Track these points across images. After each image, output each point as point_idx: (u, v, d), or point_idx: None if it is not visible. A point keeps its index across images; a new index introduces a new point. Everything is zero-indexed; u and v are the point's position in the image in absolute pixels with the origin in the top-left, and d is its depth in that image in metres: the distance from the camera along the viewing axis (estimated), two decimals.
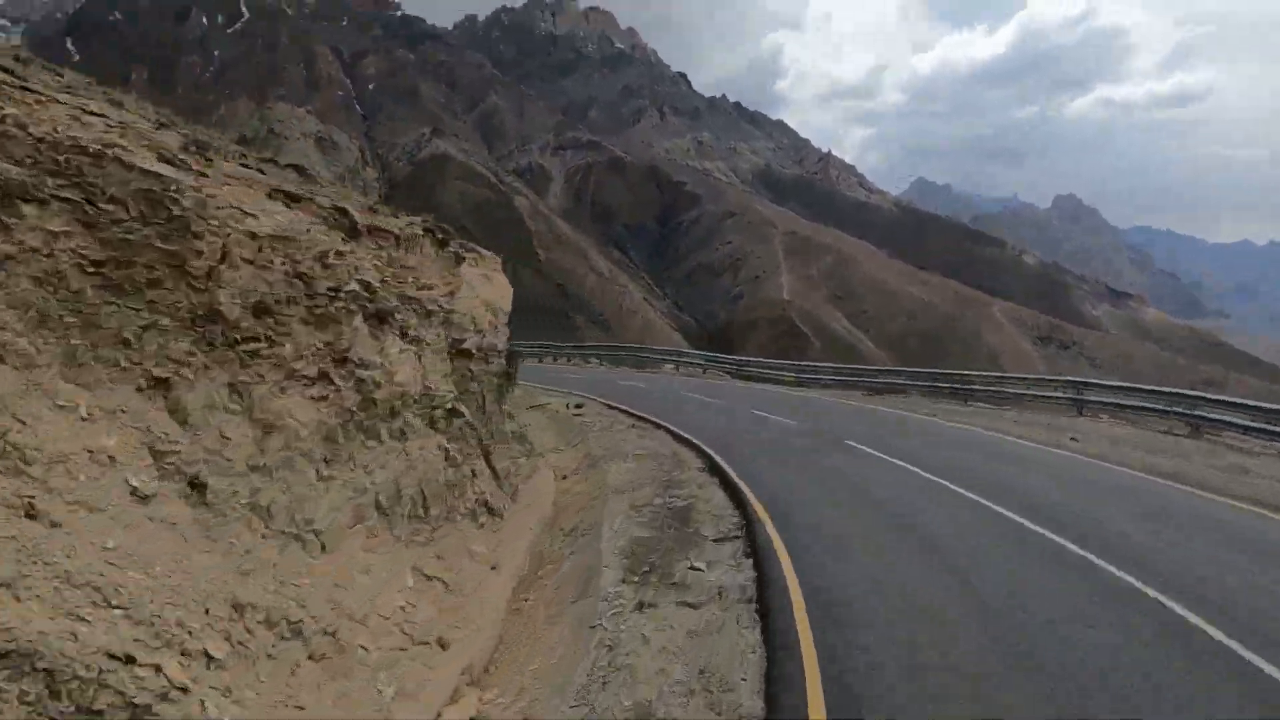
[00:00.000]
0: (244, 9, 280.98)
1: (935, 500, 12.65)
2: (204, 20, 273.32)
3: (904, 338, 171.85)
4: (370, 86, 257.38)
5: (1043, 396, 25.60)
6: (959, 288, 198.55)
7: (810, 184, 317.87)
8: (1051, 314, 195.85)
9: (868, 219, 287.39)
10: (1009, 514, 11.57)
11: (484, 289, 14.91)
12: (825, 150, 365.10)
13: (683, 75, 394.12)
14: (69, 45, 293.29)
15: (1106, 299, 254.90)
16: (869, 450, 17.07)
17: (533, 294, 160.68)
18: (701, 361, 41.57)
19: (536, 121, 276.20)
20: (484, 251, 18.11)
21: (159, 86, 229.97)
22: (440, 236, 13.93)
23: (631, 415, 22.78)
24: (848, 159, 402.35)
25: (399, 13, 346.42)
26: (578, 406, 24.44)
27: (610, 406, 25.03)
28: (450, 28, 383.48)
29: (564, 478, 16.54)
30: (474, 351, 13.00)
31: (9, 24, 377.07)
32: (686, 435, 19.16)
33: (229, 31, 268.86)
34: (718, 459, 16.39)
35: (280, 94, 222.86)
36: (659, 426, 20.84)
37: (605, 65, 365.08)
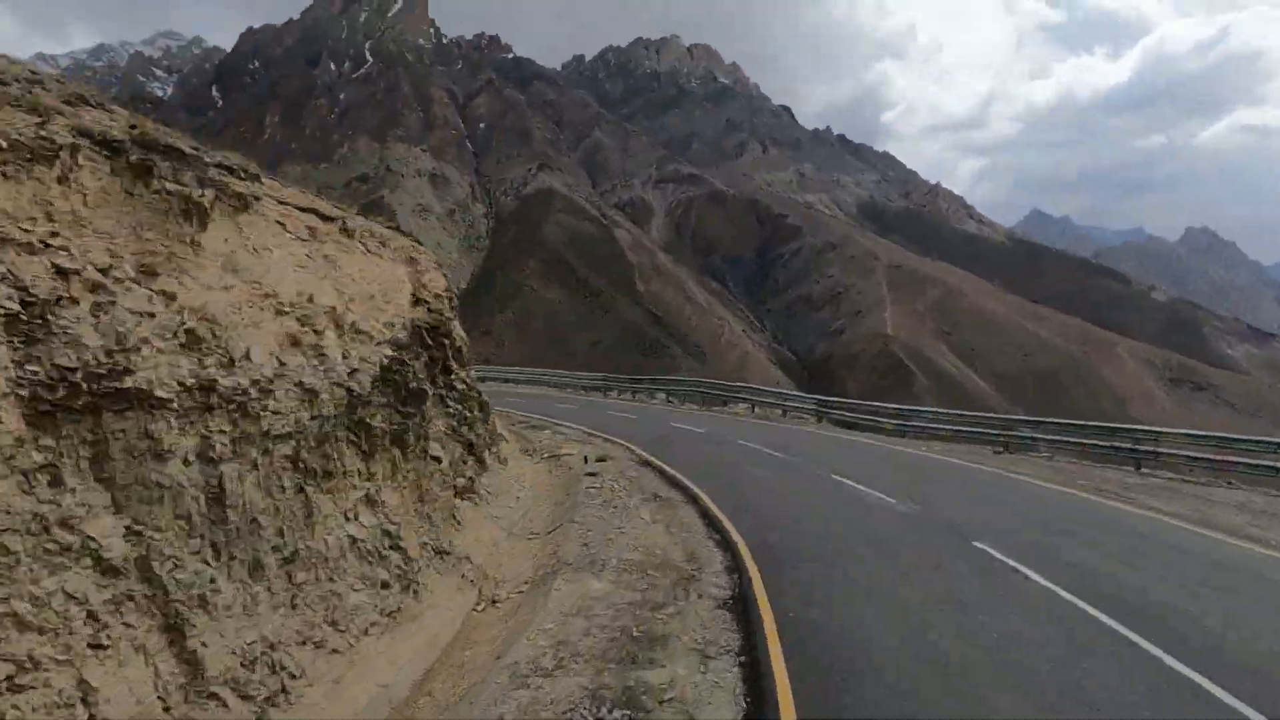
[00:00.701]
0: (368, 55, 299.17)
1: None
2: (332, 66, 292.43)
3: (1017, 376, 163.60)
4: (481, 125, 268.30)
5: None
6: (1078, 324, 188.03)
7: (917, 216, 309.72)
8: (1183, 354, 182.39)
9: (978, 252, 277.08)
10: None
11: (312, 278, 9.22)
12: (934, 182, 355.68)
13: (785, 108, 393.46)
14: (214, 92, 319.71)
15: (1247, 338, 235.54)
16: (1053, 586, 9.22)
17: (631, 325, 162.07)
18: (777, 401, 33.75)
19: (639, 156, 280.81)
20: (384, 229, 14.60)
21: (290, 127, 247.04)
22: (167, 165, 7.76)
23: (664, 476, 17.20)
24: (957, 191, 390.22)
25: (511, 55, 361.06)
26: (599, 460, 18.73)
27: (645, 462, 18.92)
28: (559, 68, 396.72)
29: (485, 607, 10.37)
30: (222, 400, 7.14)
31: (165, 74, 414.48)
32: (723, 518, 13.20)
33: (354, 77, 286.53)
34: (754, 574, 9.98)
35: (398, 134, 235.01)
36: (691, 499, 14.85)
37: (708, 100, 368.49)
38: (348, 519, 8.78)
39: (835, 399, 32.05)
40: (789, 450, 21.11)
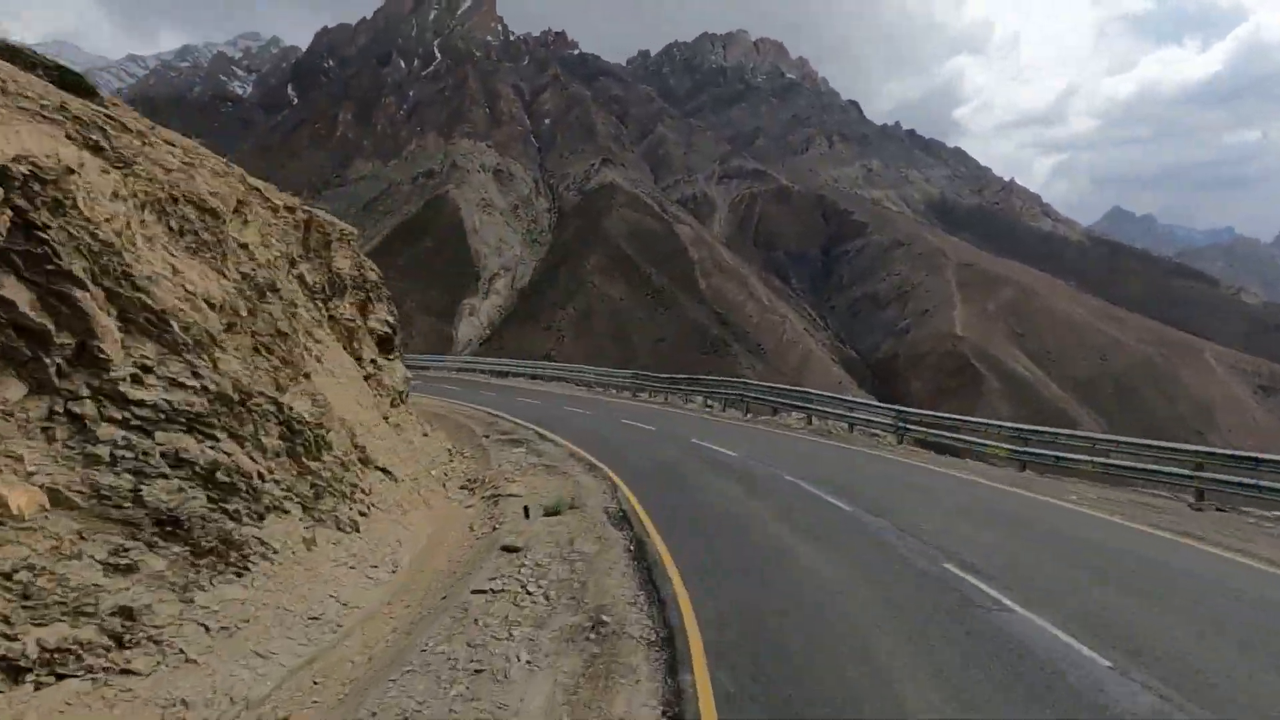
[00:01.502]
0: (437, 53, 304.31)
1: None
2: (402, 64, 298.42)
3: (1094, 380, 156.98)
4: (546, 121, 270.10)
5: None
6: (1159, 327, 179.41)
7: (989, 213, 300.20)
8: (1276, 361, 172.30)
9: (1054, 251, 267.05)
10: None
11: None
12: (1008, 179, 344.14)
13: (854, 103, 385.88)
14: (290, 91, 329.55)
15: None
16: None
17: (693, 322, 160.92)
18: (844, 414, 25.11)
19: (703, 152, 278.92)
20: None
21: (361, 124, 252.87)
22: None
23: (639, 557, 9.80)
24: (1033, 188, 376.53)
25: (576, 51, 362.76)
26: (551, 513, 11.83)
27: (622, 518, 11.70)
28: (624, 63, 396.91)
29: None
30: None
31: (245, 74, 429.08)
32: None
33: (423, 74, 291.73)
34: None
35: (465, 130, 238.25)
36: (667, 643, 7.24)
37: (774, 95, 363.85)
38: None
39: (921, 412, 22.79)
40: (859, 498, 12.95)
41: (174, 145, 10.61)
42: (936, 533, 10.73)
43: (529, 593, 8.52)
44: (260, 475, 8.26)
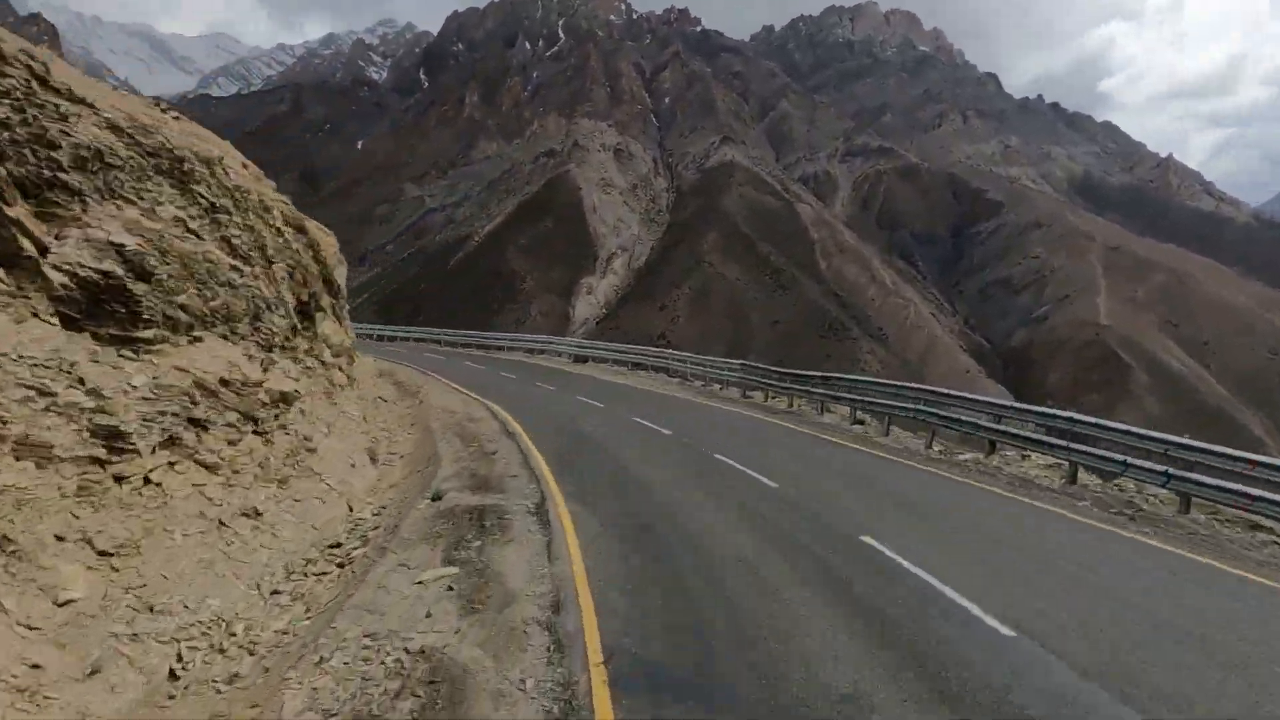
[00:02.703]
0: (561, 33, 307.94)
1: None
2: (527, 46, 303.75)
3: (1259, 375, 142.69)
4: (666, 99, 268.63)
5: None
6: None
7: (1140, 192, 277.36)
8: None
9: (1216, 233, 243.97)
10: None
11: None
12: (1165, 155, 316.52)
13: (991, 76, 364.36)
14: (421, 75, 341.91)
15: None
16: None
17: (812, 304, 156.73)
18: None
19: (826, 128, 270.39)
20: None
21: (487, 105, 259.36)
22: None
23: None
24: (1192, 165, 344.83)
25: (699, 28, 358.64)
26: None
27: None
28: (747, 39, 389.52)
29: None
30: None
31: (381, 59, 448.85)
32: None
33: (547, 55, 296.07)
34: None
35: (586, 109, 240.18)
36: None
37: (904, 69, 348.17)
38: None
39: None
40: None
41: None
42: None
43: None
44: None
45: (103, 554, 7.43)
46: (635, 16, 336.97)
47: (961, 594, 7.49)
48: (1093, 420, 14.30)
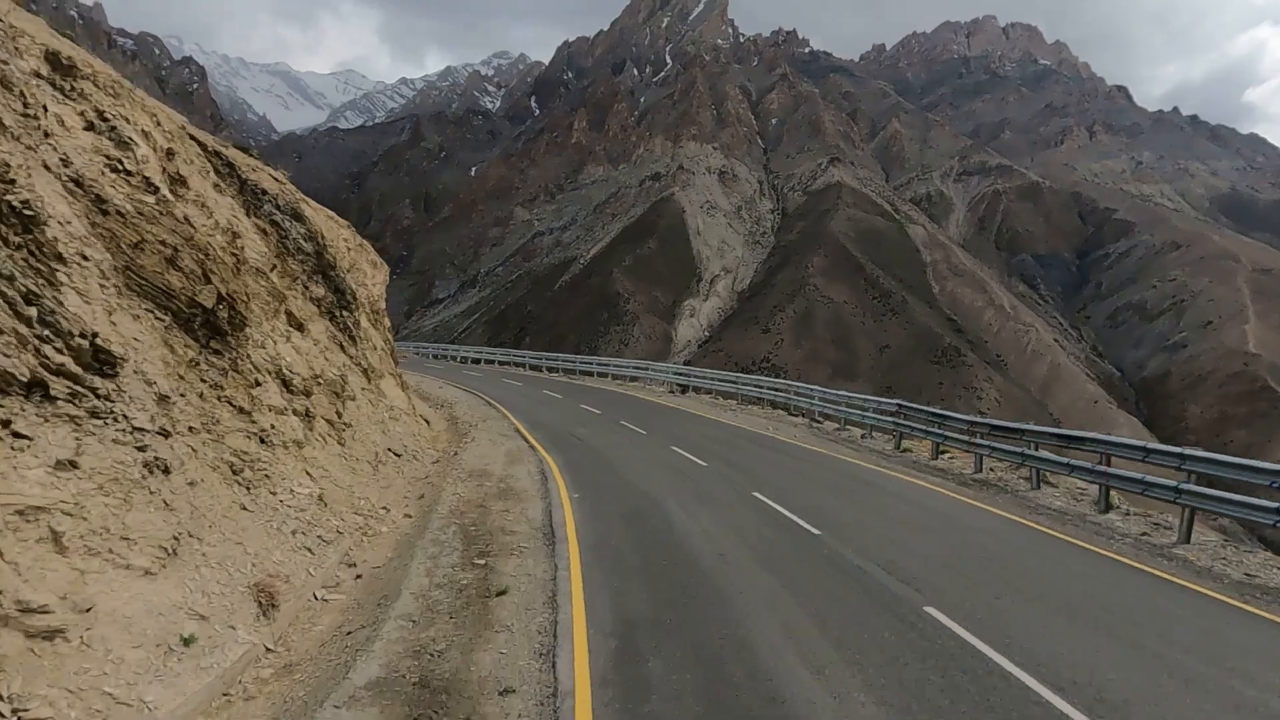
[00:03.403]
0: (668, 59, 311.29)
1: None
2: (635, 72, 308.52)
3: None
4: (773, 121, 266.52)
5: None
6: None
7: None
8: None
9: None
10: None
11: None
12: None
13: (1121, 89, 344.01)
14: (532, 102, 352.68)
15: None
16: None
17: (923, 329, 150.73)
18: None
19: (940, 147, 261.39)
20: None
21: (594, 131, 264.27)
22: None
23: None
24: None
25: (807, 49, 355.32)
26: None
27: None
28: (856, 59, 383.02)
29: None
30: None
31: (495, 89, 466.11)
32: None
33: (654, 80, 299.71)
34: None
35: (691, 133, 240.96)
36: None
37: (1024, 84, 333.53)
38: None
39: None
40: None
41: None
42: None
43: None
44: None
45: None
46: (742, 40, 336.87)
47: None
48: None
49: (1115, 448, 12.59)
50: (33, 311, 6.19)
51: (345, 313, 16.24)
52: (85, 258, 7.28)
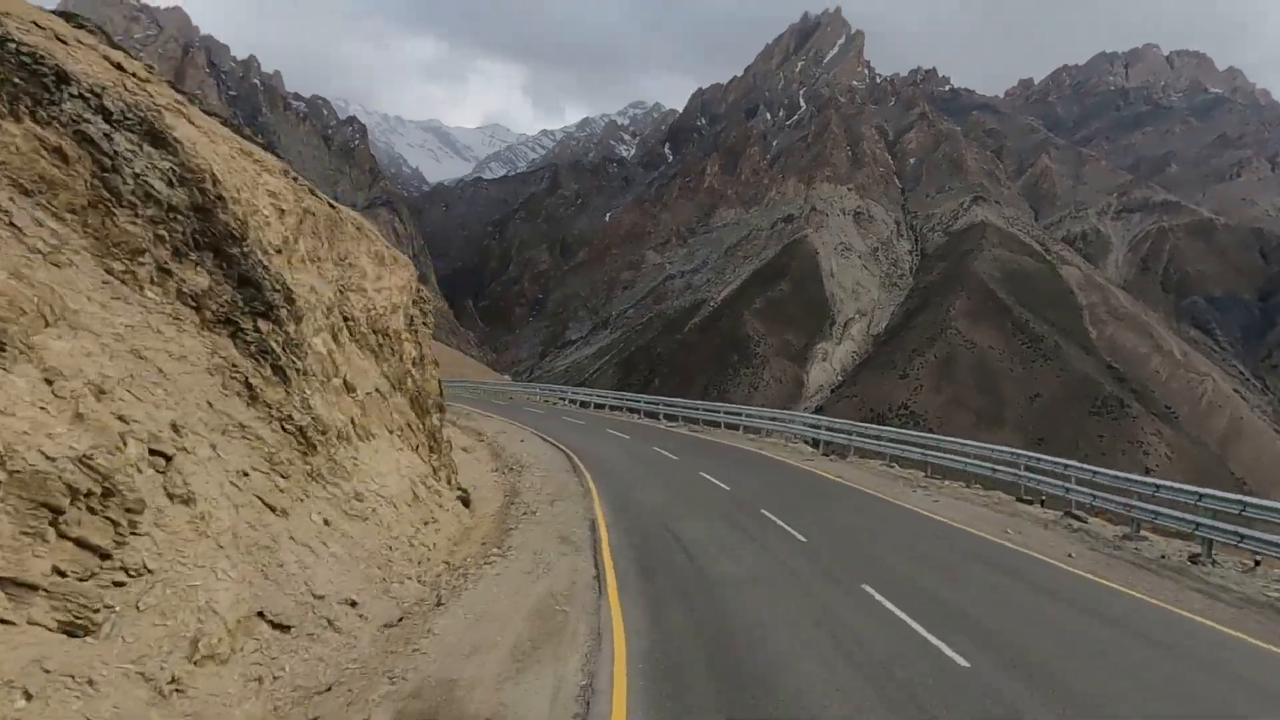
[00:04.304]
0: (801, 101, 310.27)
1: None
2: (768, 116, 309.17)
3: None
4: (911, 161, 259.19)
5: None
6: None
7: None
8: None
9: None
10: None
11: None
12: None
13: None
14: (666, 149, 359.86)
15: None
16: None
17: (1079, 376, 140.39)
18: None
19: (1095, 183, 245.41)
20: None
21: (726, 175, 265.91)
22: None
23: None
24: None
25: (948, 87, 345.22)
26: None
27: None
28: (1001, 95, 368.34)
29: None
30: None
31: (630, 138, 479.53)
32: None
33: (787, 124, 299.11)
34: None
35: (825, 174, 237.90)
36: None
37: (1191, 114, 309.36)
38: None
39: None
40: None
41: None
42: None
43: None
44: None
45: None
46: (879, 80, 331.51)
47: None
48: None
49: None
50: None
51: (265, 324, 9.84)
52: None
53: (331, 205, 13.97)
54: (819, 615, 9.06)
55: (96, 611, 5.88)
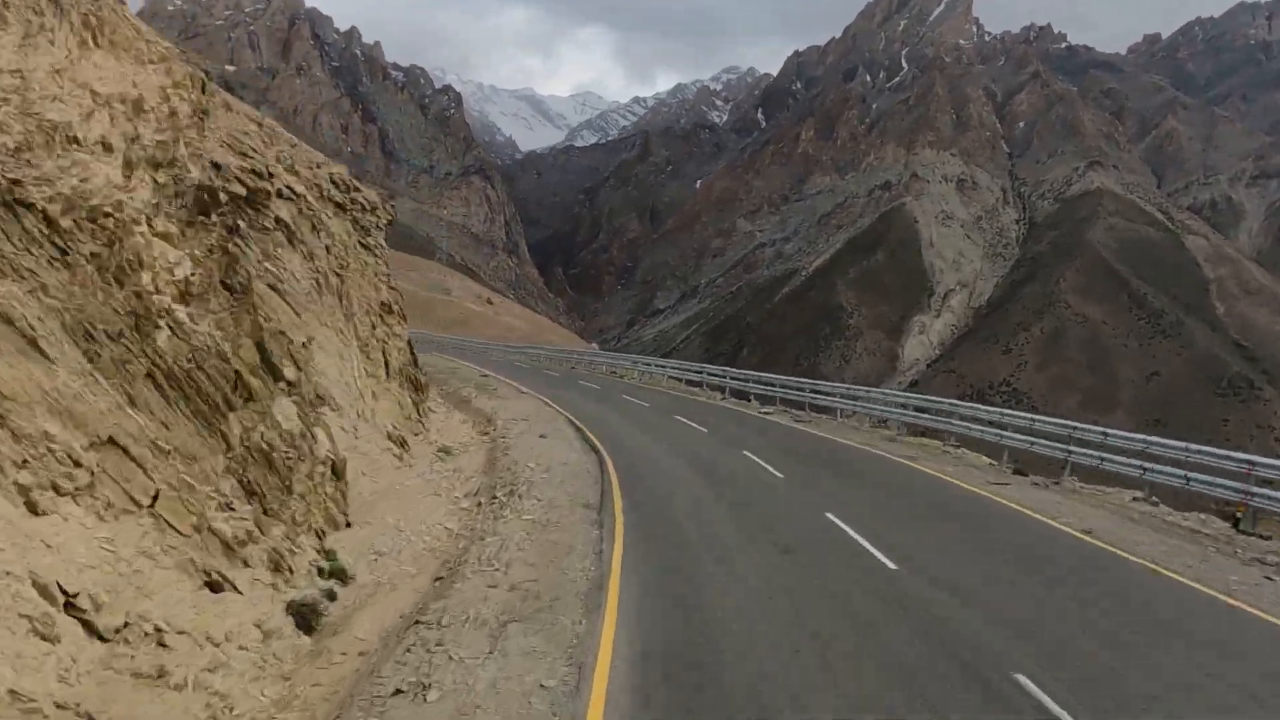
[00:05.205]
0: (903, 63, 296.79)
1: None
2: (867, 78, 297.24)
3: None
4: (1020, 124, 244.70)
5: None
6: None
7: None
8: None
9: None
10: None
11: None
12: None
13: None
14: (759, 114, 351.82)
15: None
16: None
17: (1203, 354, 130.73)
18: None
19: (1228, 146, 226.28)
20: None
21: (822, 140, 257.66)
22: None
23: None
24: None
25: (1064, 45, 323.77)
26: None
27: None
28: (1123, 52, 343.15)
29: None
30: None
31: (723, 104, 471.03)
32: None
33: (887, 86, 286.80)
34: None
35: (928, 139, 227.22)
36: None
37: None
38: None
39: None
40: None
41: None
42: None
43: None
44: None
45: None
46: (988, 38, 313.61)
47: None
48: None
49: None
50: None
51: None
52: None
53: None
54: None
55: None
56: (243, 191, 10.50)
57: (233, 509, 7.90)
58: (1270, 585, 9.48)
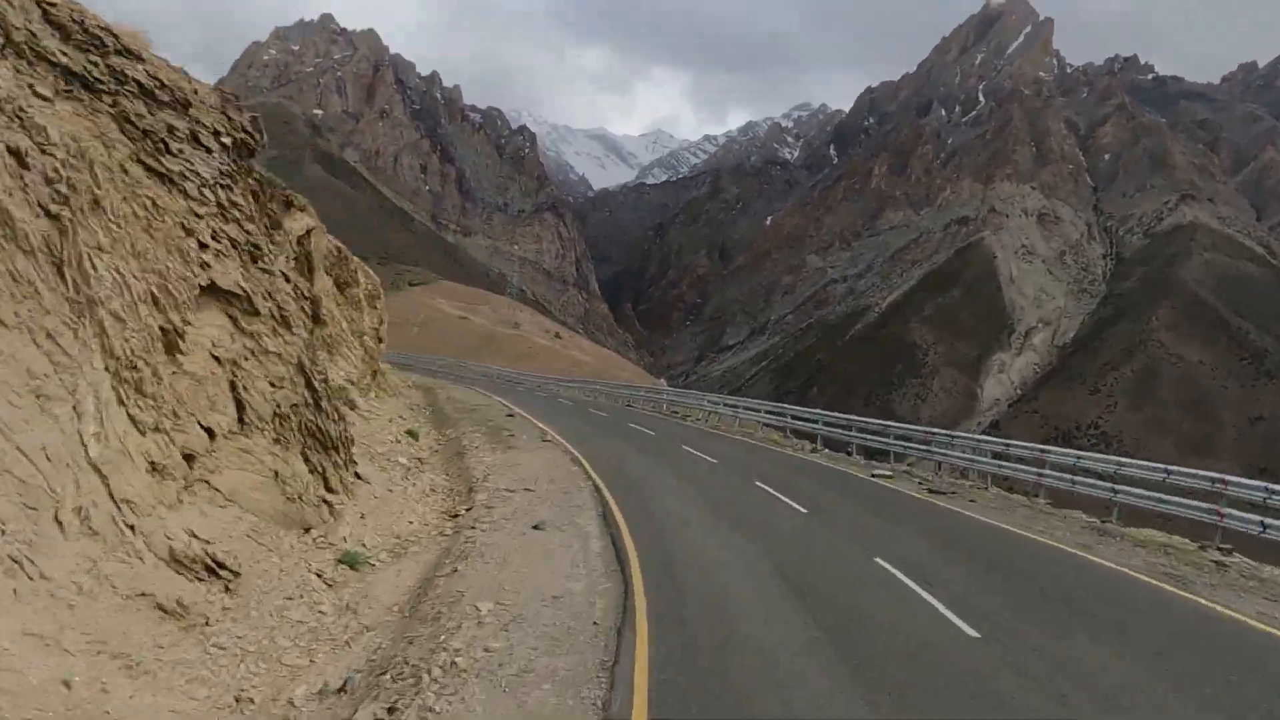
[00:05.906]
0: (980, 96, 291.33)
1: None
2: (942, 112, 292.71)
3: None
4: (1105, 157, 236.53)
5: None
6: None
7: None
8: None
9: None
10: None
11: None
12: None
13: None
14: (830, 151, 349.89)
15: None
16: None
17: None
18: None
19: None
20: None
21: (895, 175, 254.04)
22: None
23: None
24: None
25: (1151, 75, 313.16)
26: None
27: None
28: (1217, 81, 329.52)
29: None
30: None
31: (794, 140, 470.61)
32: None
33: (963, 120, 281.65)
34: None
35: (1005, 173, 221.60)
36: None
37: None
38: None
39: None
40: None
41: None
42: None
43: None
44: None
45: None
46: (1069, 70, 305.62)
47: None
48: None
49: None
50: None
51: None
52: None
53: None
54: None
55: None
56: None
57: None
58: None
